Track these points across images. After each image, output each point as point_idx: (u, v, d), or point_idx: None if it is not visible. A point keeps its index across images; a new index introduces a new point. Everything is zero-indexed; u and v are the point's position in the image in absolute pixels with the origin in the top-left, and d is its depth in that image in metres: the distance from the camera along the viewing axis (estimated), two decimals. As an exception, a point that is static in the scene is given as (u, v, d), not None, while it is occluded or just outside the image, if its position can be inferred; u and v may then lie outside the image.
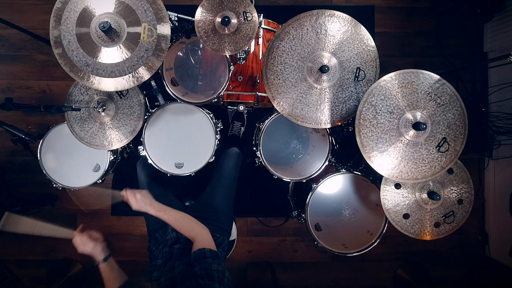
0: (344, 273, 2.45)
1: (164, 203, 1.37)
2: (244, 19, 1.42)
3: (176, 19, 1.58)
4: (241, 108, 1.75)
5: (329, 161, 1.73)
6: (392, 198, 1.54)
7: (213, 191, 1.62)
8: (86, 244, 1.28)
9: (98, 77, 1.35)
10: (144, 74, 1.36)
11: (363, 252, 1.68)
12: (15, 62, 2.36)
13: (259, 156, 1.72)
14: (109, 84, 1.36)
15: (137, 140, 1.70)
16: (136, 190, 1.36)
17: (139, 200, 1.33)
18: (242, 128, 2.14)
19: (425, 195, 1.53)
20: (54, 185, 1.76)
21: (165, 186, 1.73)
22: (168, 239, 1.39)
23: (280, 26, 1.75)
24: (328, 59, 1.42)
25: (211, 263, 1.11)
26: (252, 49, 1.72)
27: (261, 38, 1.71)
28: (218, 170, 1.70)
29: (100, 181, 1.78)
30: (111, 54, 1.33)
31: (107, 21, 1.26)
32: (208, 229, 1.32)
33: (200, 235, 1.26)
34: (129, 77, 1.35)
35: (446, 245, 2.43)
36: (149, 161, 1.68)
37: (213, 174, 1.71)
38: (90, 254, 1.27)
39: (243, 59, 1.66)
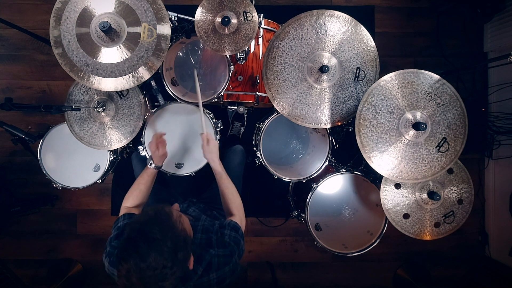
0: (344, 273, 2.45)
1: (164, 198, 1.38)
2: (244, 19, 1.42)
3: (176, 19, 1.58)
4: (241, 109, 1.75)
5: (329, 161, 1.73)
6: (392, 198, 1.54)
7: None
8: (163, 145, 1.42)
9: (98, 77, 1.35)
10: (144, 74, 1.36)
11: (363, 252, 1.68)
12: (15, 62, 2.36)
13: (259, 156, 1.72)
14: (109, 84, 1.36)
15: (137, 140, 1.70)
16: (212, 138, 1.41)
17: (212, 148, 1.39)
18: (242, 128, 2.14)
19: (425, 195, 1.53)
20: (54, 185, 1.76)
21: (164, 181, 1.72)
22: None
23: (280, 26, 1.75)
24: (328, 59, 1.42)
25: (240, 239, 1.15)
26: (252, 49, 1.72)
27: (261, 38, 1.71)
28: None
29: (100, 181, 1.78)
30: (111, 54, 1.33)
31: (107, 21, 1.26)
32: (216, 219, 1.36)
33: (240, 213, 1.30)
34: (129, 77, 1.35)
35: (446, 245, 2.43)
36: (149, 161, 1.68)
37: None
38: (161, 154, 1.41)
39: (243, 59, 1.66)
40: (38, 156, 1.74)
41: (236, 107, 1.75)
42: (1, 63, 2.36)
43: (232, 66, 1.64)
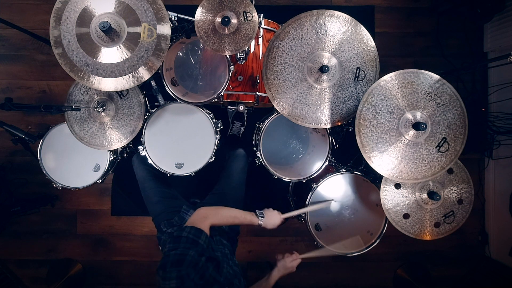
0: (344, 273, 2.45)
1: (167, 198, 1.37)
2: (244, 19, 1.42)
3: (176, 19, 1.58)
4: (241, 108, 1.75)
5: (329, 161, 1.73)
6: (392, 198, 1.54)
7: (223, 193, 1.62)
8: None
9: (98, 77, 1.35)
10: (144, 74, 1.36)
11: (363, 252, 1.68)
12: (15, 62, 2.36)
13: (259, 156, 1.72)
14: (109, 84, 1.36)
15: (137, 140, 1.70)
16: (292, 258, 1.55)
17: (289, 267, 1.54)
18: (242, 128, 2.14)
19: (425, 195, 1.53)
20: (54, 185, 1.76)
21: (166, 181, 1.72)
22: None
23: (280, 26, 1.75)
24: (328, 59, 1.42)
25: None
26: (252, 49, 1.72)
27: (261, 38, 1.71)
28: (227, 172, 1.68)
29: (100, 181, 1.78)
30: (111, 54, 1.33)
31: (107, 21, 1.26)
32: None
33: None
34: (129, 77, 1.35)
35: (446, 245, 2.43)
36: (149, 161, 1.67)
37: (222, 175, 1.70)
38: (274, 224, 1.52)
39: (243, 59, 1.66)
40: (38, 156, 1.74)
41: (236, 107, 1.75)
42: (1, 63, 2.36)
43: (232, 66, 1.64)
